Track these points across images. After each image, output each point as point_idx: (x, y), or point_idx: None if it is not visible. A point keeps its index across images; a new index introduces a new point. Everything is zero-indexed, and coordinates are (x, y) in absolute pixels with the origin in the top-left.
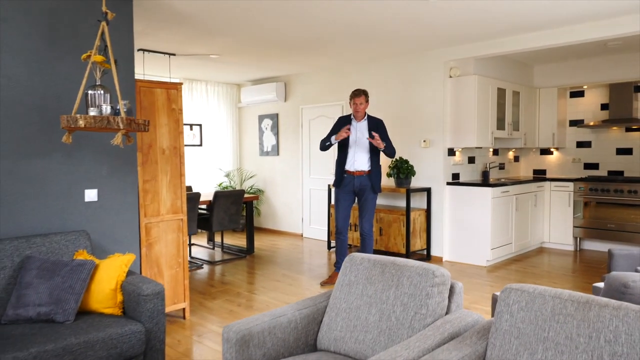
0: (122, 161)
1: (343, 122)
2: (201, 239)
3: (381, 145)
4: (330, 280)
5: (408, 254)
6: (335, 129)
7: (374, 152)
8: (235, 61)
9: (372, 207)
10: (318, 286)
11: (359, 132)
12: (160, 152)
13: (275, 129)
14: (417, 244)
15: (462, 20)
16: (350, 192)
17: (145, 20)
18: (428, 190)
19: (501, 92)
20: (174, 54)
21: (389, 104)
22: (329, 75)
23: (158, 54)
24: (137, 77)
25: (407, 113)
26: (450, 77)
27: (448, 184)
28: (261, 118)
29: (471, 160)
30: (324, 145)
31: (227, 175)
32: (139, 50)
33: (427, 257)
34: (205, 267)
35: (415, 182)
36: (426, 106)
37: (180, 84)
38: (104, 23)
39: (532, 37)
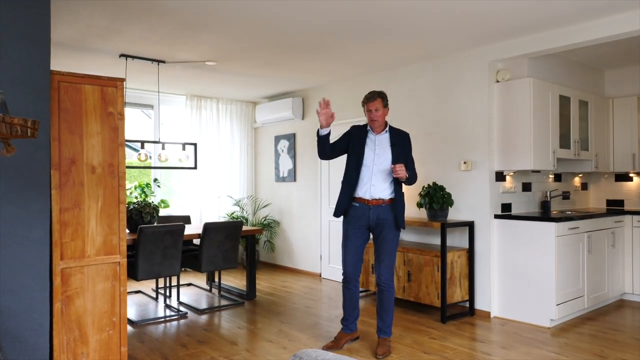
0: (23, 181)
1: (356, 135)
2: (201, 278)
3: (404, 176)
4: (334, 344)
5: (444, 307)
6: (349, 141)
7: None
8: (237, 71)
9: (393, 248)
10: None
11: (378, 147)
12: (88, 171)
13: (292, 151)
14: (457, 293)
15: (513, 5)
16: (363, 228)
17: (111, 14)
18: (470, 225)
19: (564, 101)
20: (163, 61)
21: (420, 117)
22: (350, 87)
23: (144, 61)
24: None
25: (442, 128)
26: (498, 81)
27: (496, 217)
28: (277, 139)
29: (526, 187)
30: (320, 149)
31: (238, 204)
32: (120, 56)
33: (469, 311)
34: (190, 316)
35: (453, 215)
36: (467, 119)
37: (122, 79)
38: None
39: (615, 21)
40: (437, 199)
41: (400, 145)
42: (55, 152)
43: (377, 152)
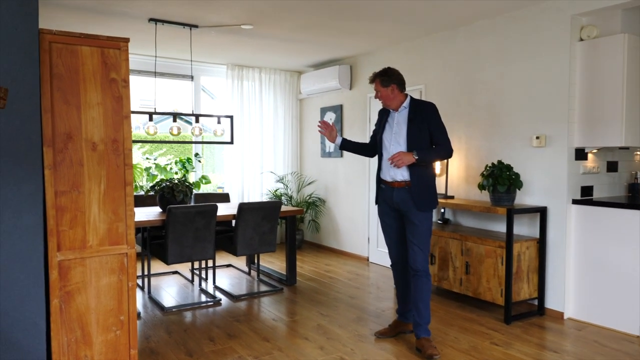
0: (9, 160)
1: (381, 115)
2: (241, 259)
3: (400, 166)
4: (388, 331)
5: (509, 306)
6: (377, 127)
7: (417, 151)
8: (276, 35)
9: (423, 231)
10: (364, 353)
11: (396, 126)
12: (87, 148)
13: (339, 124)
14: (524, 290)
15: None
16: (392, 210)
17: None
18: (542, 211)
19: None
20: (195, 26)
21: (483, 84)
22: (404, 52)
23: (176, 26)
24: (141, 58)
25: (509, 97)
26: (582, 39)
27: (575, 202)
28: (323, 111)
29: (612, 167)
30: (359, 154)
31: (281, 180)
32: (150, 20)
33: (538, 310)
34: (224, 303)
35: (520, 198)
36: (541, 86)
37: (126, 39)
38: None
39: None
40: (502, 181)
41: (420, 118)
42: (48, 126)
43: (395, 131)
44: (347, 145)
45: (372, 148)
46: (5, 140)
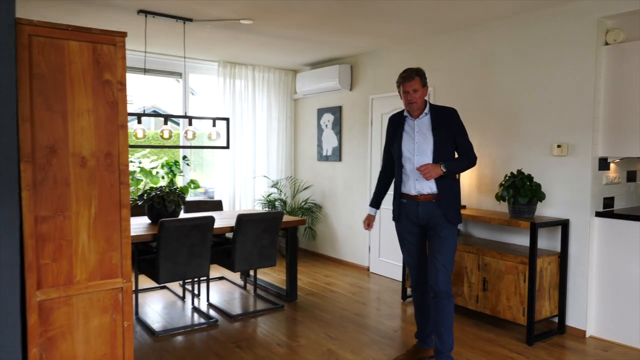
0: None
1: (394, 124)
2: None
3: (431, 178)
4: (407, 357)
5: (531, 325)
6: (389, 137)
7: (444, 162)
8: (276, 32)
9: (450, 247)
10: None
11: (418, 135)
12: (75, 164)
13: (338, 126)
14: (545, 308)
15: None
16: (415, 226)
17: None
18: (564, 224)
19: None
20: (190, 19)
21: (498, 89)
22: (409, 52)
23: (168, 20)
24: (131, 54)
25: (527, 103)
26: (607, 44)
27: (598, 214)
28: (321, 112)
29: (631, 176)
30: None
31: (275, 185)
32: (139, 12)
33: (559, 329)
34: (221, 324)
35: (540, 210)
36: (563, 92)
37: (123, 34)
38: None
39: None
40: (524, 192)
41: (445, 126)
42: (27, 137)
43: (418, 140)
44: (379, 198)
45: (391, 171)
46: None
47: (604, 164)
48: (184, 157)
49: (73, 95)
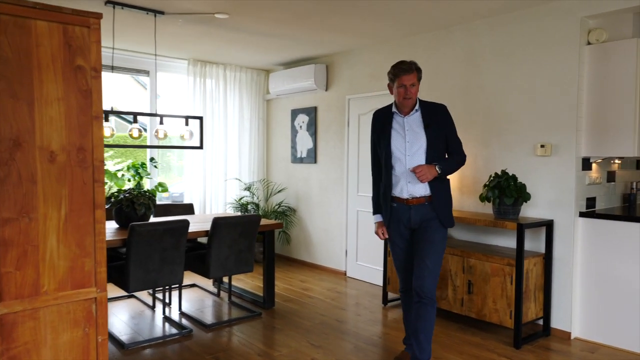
0: None
1: (381, 121)
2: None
3: (427, 179)
4: None
5: (519, 328)
6: (376, 136)
7: (438, 163)
8: (250, 28)
9: (440, 251)
10: None
11: (409, 133)
12: (43, 159)
13: (313, 127)
14: (532, 310)
15: None
16: (407, 229)
17: None
18: (548, 225)
19: None
20: (161, 12)
21: (480, 89)
22: (387, 51)
23: (138, 12)
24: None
25: (510, 102)
26: (590, 43)
27: (582, 214)
28: (295, 113)
29: (611, 177)
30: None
31: (248, 188)
32: (107, 3)
33: (544, 331)
34: (195, 334)
35: (524, 211)
36: (546, 92)
37: (98, 15)
38: None
39: None
40: (510, 192)
41: (436, 123)
42: None
43: (409, 139)
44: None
45: (379, 161)
46: None
47: (587, 164)
48: (152, 159)
49: (41, 82)
